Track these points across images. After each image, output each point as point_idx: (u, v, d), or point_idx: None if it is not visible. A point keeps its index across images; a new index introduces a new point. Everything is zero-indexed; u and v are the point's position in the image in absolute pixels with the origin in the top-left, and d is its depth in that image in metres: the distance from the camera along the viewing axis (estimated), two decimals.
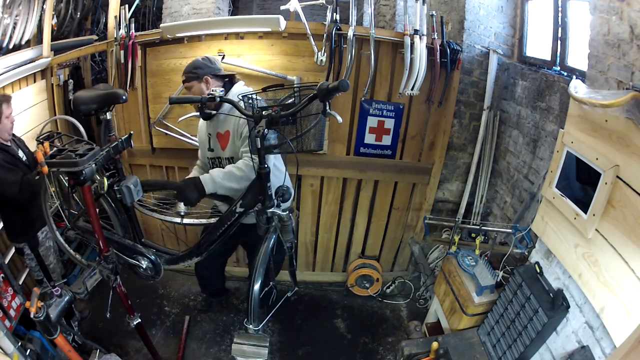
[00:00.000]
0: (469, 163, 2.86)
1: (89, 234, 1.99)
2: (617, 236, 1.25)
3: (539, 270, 1.65)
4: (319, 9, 2.52)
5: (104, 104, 1.74)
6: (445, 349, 1.77)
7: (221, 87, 1.95)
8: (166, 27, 2.52)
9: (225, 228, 1.84)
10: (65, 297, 1.76)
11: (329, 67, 2.46)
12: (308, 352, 2.57)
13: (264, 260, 1.65)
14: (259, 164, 1.62)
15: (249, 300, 1.61)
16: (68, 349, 1.81)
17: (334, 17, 2.38)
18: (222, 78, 2.00)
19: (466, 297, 1.91)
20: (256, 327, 1.63)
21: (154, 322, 2.71)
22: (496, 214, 2.74)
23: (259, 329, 1.65)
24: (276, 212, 1.65)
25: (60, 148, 1.60)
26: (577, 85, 1.47)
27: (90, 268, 1.92)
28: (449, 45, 2.43)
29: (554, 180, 1.61)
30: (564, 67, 2.18)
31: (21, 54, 2.60)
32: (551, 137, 2.10)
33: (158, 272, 1.99)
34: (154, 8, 4.93)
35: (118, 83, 2.60)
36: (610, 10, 1.40)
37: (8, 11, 2.70)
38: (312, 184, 2.79)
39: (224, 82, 2.01)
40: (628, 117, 1.18)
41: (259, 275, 1.61)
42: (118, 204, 1.95)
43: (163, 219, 2.13)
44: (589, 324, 1.37)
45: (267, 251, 1.67)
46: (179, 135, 2.66)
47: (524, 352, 1.59)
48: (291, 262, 2.02)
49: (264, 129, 1.53)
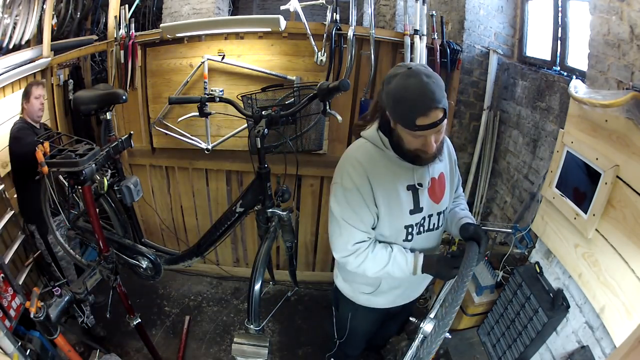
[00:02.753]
0: (469, 163, 2.86)
1: (89, 234, 1.99)
2: (617, 236, 1.25)
3: (539, 270, 1.65)
4: (319, 9, 2.52)
5: (104, 104, 1.74)
6: (445, 349, 1.77)
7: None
8: (166, 27, 2.52)
9: (225, 228, 1.84)
10: (65, 297, 1.76)
11: (329, 67, 2.46)
12: (308, 352, 2.57)
13: (264, 260, 1.64)
14: (259, 164, 1.61)
15: (249, 300, 1.60)
16: (68, 349, 1.81)
17: (334, 17, 2.38)
18: None
19: (466, 297, 1.91)
20: (257, 327, 1.61)
21: (154, 322, 2.71)
22: (496, 214, 2.74)
23: (260, 329, 1.64)
24: (276, 212, 1.65)
25: (60, 148, 1.60)
26: (577, 85, 1.47)
27: (90, 268, 1.92)
28: (449, 45, 2.43)
29: (554, 180, 1.61)
30: (564, 67, 2.18)
31: (21, 54, 2.60)
32: (551, 137, 2.10)
33: (158, 272, 1.99)
34: (154, 8, 4.93)
35: (118, 83, 2.60)
36: (610, 10, 1.40)
37: (8, 11, 2.70)
38: (312, 184, 2.79)
39: None
40: (628, 117, 1.18)
41: (259, 275, 1.61)
42: (118, 204, 1.96)
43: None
44: (589, 324, 1.37)
45: (267, 251, 1.66)
46: (179, 135, 2.66)
47: (524, 352, 1.59)
48: (291, 262, 2.03)
49: (263, 129, 1.53)
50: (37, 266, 2.45)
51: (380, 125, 1.25)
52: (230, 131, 2.63)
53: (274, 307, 2.07)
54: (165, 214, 3.01)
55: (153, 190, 2.92)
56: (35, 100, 2.21)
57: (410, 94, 1.05)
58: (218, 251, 3.09)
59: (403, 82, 1.06)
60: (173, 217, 3.02)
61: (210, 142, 2.63)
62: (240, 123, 2.63)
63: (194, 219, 3.01)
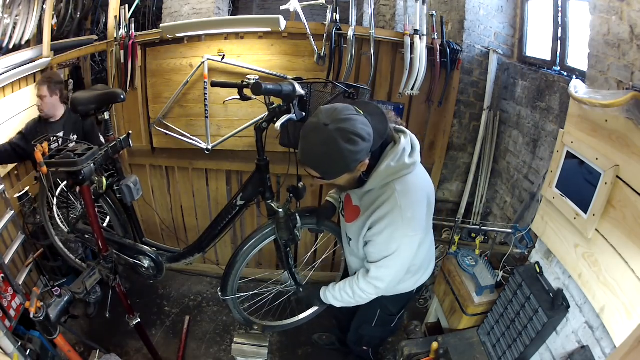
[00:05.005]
0: (469, 163, 2.86)
1: (89, 236, 1.99)
2: (617, 236, 1.25)
3: (539, 270, 1.64)
4: (319, 9, 2.52)
5: (102, 104, 1.74)
6: (445, 349, 1.77)
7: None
8: (166, 27, 2.52)
9: (226, 223, 1.84)
10: (65, 297, 1.76)
11: (329, 67, 2.46)
12: (308, 352, 2.57)
13: (246, 250, 1.75)
14: (258, 156, 1.62)
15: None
16: (68, 349, 1.81)
17: (334, 17, 2.38)
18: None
19: (466, 297, 1.90)
20: (224, 297, 1.80)
21: (154, 322, 2.71)
22: (496, 214, 2.74)
23: (227, 298, 1.80)
24: (272, 206, 1.64)
25: (59, 148, 1.59)
26: (577, 85, 1.47)
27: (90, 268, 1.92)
28: (449, 45, 2.43)
29: (554, 180, 1.61)
30: (564, 67, 2.18)
31: (21, 54, 2.60)
32: (551, 137, 2.10)
33: (160, 271, 1.99)
34: (154, 8, 4.93)
35: (118, 83, 2.60)
36: (610, 10, 1.40)
37: (8, 11, 2.70)
38: (312, 184, 2.79)
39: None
40: (628, 117, 1.18)
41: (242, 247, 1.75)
42: (118, 204, 1.96)
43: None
44: (589, 324, 1.36)
45: (254, 243, 1.74)
46: (179, 135, 2.66)
47: (524, 352, 1.59)
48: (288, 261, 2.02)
49: (262, 122, 1.54)
50: (37, 266, 2.46)
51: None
52: (230, 131, 2.63)
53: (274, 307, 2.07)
54: (165, 214, 3.01)
55: (153, 190, 2.93)
56: (38, 100, 2.27)
57: (301, 142, 1.18)
58: (218, 251, 3.10)
59: (306, 129, 1.18)
60: (173, 217, 3.03)
61: (210, 142, 2.63)
62: (241, 123, 2.63)
63: (194, 218, 3.01)
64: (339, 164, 1.16)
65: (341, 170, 1.20)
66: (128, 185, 1.81)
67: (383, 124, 1.25)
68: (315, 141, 1.15)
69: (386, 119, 1.28)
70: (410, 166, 1.29)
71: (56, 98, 2.30)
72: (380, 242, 1.32)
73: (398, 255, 1.32)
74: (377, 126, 1.21)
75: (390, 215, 1.27)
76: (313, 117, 1.19)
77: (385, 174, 1.27)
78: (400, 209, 1.25)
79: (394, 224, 1.27)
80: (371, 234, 1.34)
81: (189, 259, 2.00)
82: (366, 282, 1.42)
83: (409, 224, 1.28)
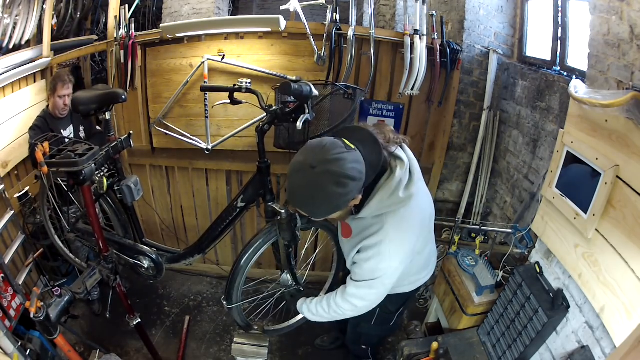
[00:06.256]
0: (469, 163, 2.86)
1: (89, 236, 1.99)
2: (617, 236, 1.25)
3: (539, 270, 1.64)
4: (319, 9, 2.52)
5: (103, 104, 1.74)
6: (445, 349, 1.77)
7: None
8: (166, 27, 2.52)
9: (226, 224, 1.84)
10: (65, 297, 1.76)
11: (329, 67, 2.46)
12: (308, 352, 2.57)
13: (250, 253, 1.73)
14: (259, 159, 1.62)
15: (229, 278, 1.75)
16: (68, 349, 1.81)
17: (334, 17, 2.38)
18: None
19: (466, 297, 1.90)
20: (229, 305, 1.78)
21: (154, 322, 2.71)
22: (496, 214, 2.74)
23: (232, 307, 1.78)
24: (274, 208, 1.64)
25: (59, 148, 1.60)
26: (577, 85, 1.47)
27: (90, 268, 1.92)
28: (449, 45, 2.43)
29: (554, 180, 1.61)
30: (564, 67, 2.18)
31: (21, 54, 2.60)
32: (551, 137, 2.10)
33: (160, 271, 1.99)
34: (154, 8, 4.93)
35: (118, 83, 2.60)
36: (610, 10, 1.40)
37: (8, 11, 2.70)
38: None
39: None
40: (628, 117, 1.18)
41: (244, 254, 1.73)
42: (118, 204, 1.96)
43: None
44: (589, 324, 1.36)
45: (258, 246, 1.74)
46: (179, 135, 2.66)
47: (524, 352, 1.59)
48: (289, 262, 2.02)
49: (262, 125, 1.55)
50: (37, 266, 2.46)
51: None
52: (230, 131, 2.63)
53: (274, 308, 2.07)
54: (165, 214, 3.01)
55: (153, 190, 2.93)
56: (59, 100, 2.27)
57: (288, 181, 1.15)
58: (218, 251, 3.09)
59: (293, 169, 1.12)
60: (173, 217, 3.03)
61: (210, 142, 2.63)
62: (241, 123, 2.63)
63: (194, 219, 3.01)
64: (328, 206, 1.13)
65: (330, 211, 1.16)
66: (129, 186, 1.81)
67: (376, 154, 1.18)
68: (302, 184, 1.10)
69: (380, 147, 1.20)
70: (404, 200, 1.22)
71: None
72: (365, 267, 1.33)
73: (381, 281, 1.33)
74: (369, 157, 1.15)
75: (378, 247, 1.27)
76: (299, 154, 1.12)
77: (377, 207, 1.24)
78: (389, 242, 1.26)
79: (380, 254, 1.27)
80: (359, 258, 1.36)
81: (189, 260, 2.00)
82: (343, 299, 1.43)
83: (396, 256, 1.29)
